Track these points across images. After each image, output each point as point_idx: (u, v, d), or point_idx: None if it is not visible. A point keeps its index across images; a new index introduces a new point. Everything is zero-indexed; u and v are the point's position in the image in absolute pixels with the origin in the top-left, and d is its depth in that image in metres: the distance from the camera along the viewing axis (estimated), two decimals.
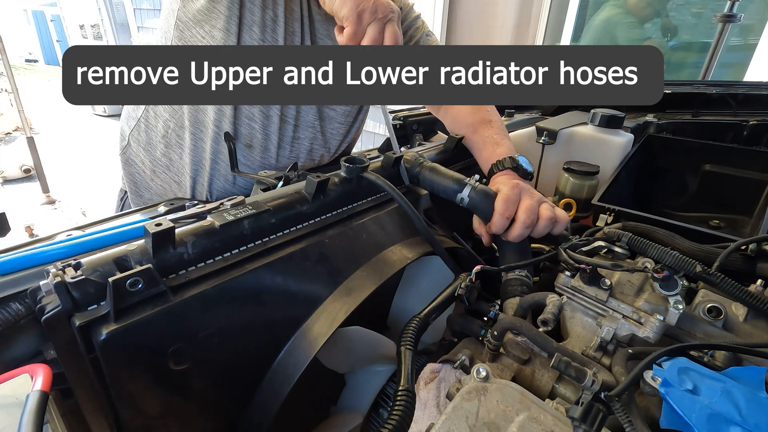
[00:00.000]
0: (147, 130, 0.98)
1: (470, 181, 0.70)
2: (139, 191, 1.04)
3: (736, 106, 1.31)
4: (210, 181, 0.95)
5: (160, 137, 0.96)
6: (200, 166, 0.94)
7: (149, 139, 0.98)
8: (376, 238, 0.64)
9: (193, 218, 0.51)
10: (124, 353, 0.40)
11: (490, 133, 0.89)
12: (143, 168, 1.01)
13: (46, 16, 13.92)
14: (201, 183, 0.96)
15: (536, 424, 0.36)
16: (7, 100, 5.75)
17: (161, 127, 0.95)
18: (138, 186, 1.03)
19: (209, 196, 0.97)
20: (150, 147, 0.98)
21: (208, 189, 0.96)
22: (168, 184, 1.00)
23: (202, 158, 0.93)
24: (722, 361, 0.46)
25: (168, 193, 1.01)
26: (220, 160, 0.93)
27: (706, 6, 2.73)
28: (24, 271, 0.45)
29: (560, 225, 0.70)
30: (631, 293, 0.53)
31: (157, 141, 0.97)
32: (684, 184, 1.16)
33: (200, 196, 0.98)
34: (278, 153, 0.95)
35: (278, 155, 0.96)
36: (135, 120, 0.99)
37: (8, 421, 0.33)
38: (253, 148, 0.93)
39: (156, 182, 1.01)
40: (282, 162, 0.97)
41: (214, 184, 0.96)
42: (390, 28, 0.67)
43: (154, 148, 0.98)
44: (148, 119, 0.97)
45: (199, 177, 0.96)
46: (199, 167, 0.95)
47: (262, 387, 0.51)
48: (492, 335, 0.52)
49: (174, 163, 0.97)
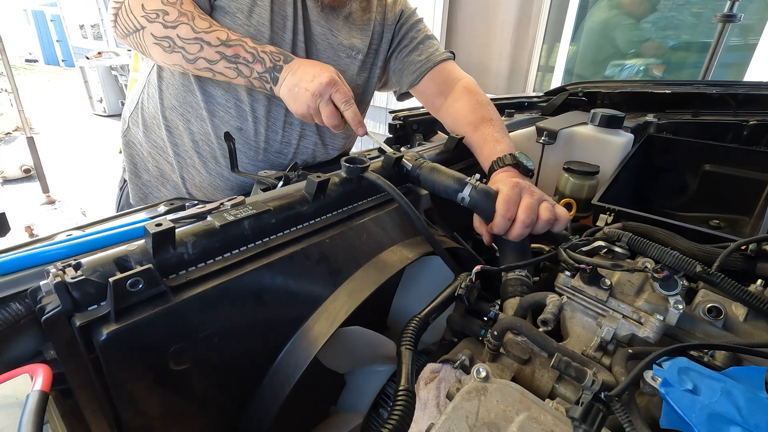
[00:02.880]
0: (143, 113, 1.01)
1: (471, 181, 0.70)
2: (138, 172, 1.06)
3: (736, 106, 1.31)
4: (200, 164, 0.97)
5: (153, 119, 0.99)
6: (189, 148, 0.97)
7: (144, 121, 1.01)
8: (377, 238, 0.64)
9: (193, 218, 0.51)
10: (125, 353, 0.40)
11: (490, 131, 0.89)
12: (141, 150, 1.04)
13: (46, 16, 13.92)
14: (192, 166, 0.98)
15: (536, 424, 0.36)
16: (7, 100, 5.75)
17: (152, 109, 0.99)
18: (137, 167, 1.06)
19: (201, 182, 0.99)
20: (146, 129, 1.02)
21: (198, 173, 0.98)
22: (162, 165, 1.03)
23: (192, 140, 0.96)
24: (722, 361, 0.46)
25: (164, 175, 1.04)
26: (211, 142, 0.95)
27: (706, 6, 2.72)
28: (24, 271, 0.45)
29: (560, 223, 0.70)
30: (631, 293, 0.53)
31: (151, 123, 1.00)
32: (684, 184, 1.16)
33: (191, 179, 1.00)
34: (267, 136, 0.96)
35: (267, 138, 0.96)
36: (134, 103, 1.04)
37: (8, 421, 0.33)
38: (243, 131, 0.94)
39: (152, 163, 1.04)
40: (275, 146, 0.98)
41: (206, 167, 0.97)
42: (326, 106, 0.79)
43: (149, 130, 1.01)
44: (143, 102, 1.01)
45: (189, 159, 0.98)
46: (189, 149, 0.97)
47: (262, 387, 0.51)
48: (492, 335, 0.52)
49: (167, 144, 0.99)
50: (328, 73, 0.78)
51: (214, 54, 0.80)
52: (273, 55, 0.81)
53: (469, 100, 0.97)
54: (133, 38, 0.82)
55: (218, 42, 0.79)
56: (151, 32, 0.79)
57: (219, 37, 0.79)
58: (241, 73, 0.82)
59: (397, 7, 1.06)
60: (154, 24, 0.78)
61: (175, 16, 0.78)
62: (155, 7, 0.78)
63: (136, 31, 0.80)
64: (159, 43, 0.79)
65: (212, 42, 0.79)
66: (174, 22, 0.78)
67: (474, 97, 0.98)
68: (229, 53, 0.80)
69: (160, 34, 0.79)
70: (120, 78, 7.06)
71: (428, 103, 1.09)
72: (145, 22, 0.78)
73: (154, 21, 0.78)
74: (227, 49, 0.79)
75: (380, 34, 1.05)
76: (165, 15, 0.78)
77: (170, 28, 0.78)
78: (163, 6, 0.78)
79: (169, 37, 0.79)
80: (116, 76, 7.08)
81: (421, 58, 1.04)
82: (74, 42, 12.71)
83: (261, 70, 0.81)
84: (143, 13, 0.78)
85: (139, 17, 0.78)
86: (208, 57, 0.80)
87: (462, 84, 1.02)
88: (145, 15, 0.78)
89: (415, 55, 1.05)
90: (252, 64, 0.81)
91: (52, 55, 14.53)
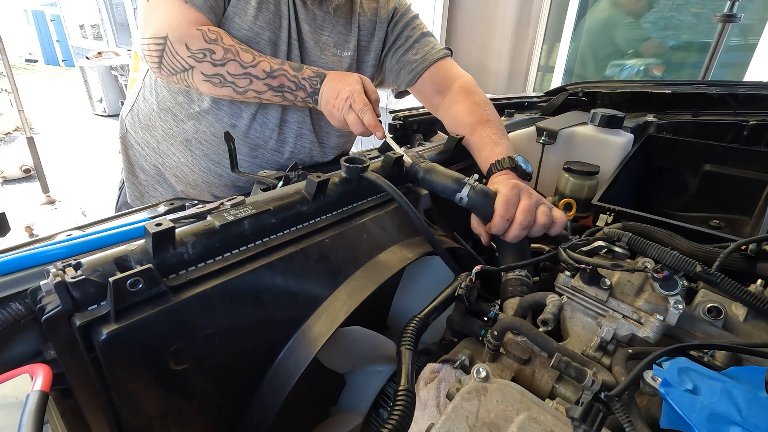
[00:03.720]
0: (139, 113, 1.03)
1: (469, 181, 0.70)
2: (134, 171, 1.07)
3: (736, 106, 1.31)
4: (193, 162, 0.98)
5: (149, 120, 1.01)
6: (183, 147, 0.98)
7: (140, 122, 1.03)
8: (377, 238, 0.64)
9: (193, 218, 0.51)
10: (125, 353, 0.40)
11: (488, 133, 0.89)
12: (137, 150, 1.05)
13: (46, 16, 13.92)
14: (185, 164, 0.99)
15: (536, 424, 0.36)
16: (7, 100, 5.75)
17: (148, 110, 1.00)
18: (133, 167, 1.07)
19: (195, 180, 1.00)
20: (141, 129, 1.03)
21: (192, 171, 0.99)
22: (157, 164, 1.03)
23: (185, 138, 0.97)
24: (722, 361, 0.46)
25: (160, 174, 1.05)
26: (204, 140, 0.96)
27: (706, 6, 2.72)
28: (24, 271, 0.45)
29: (557, 226, 0.70)
30: (631, 293, 0.53)
31: (147, 123, 1.01)
32: (684, 184, 1.16)
33: (183, 178, 1.01)
34: (262, 133, 0.96)
35: (263, 135, 0.97)
36: (130, 105, 1.06)
37: (8, 421, 0.33)
38: (237, 128, 0.94)
39: (148, 163, 1.05)
40: (270, 144, 0.98)
41: (199, 165, 0.98)
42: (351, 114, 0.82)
43: (144, 130, 1.02)
44: (139, 103, 1.03)
45: (183, 158, 0.99)
46: (182, 148, 0.98)
47: (262, 387, 0.51)
48: (492, 335, 0.52)
49: (160, 144, 1.00)
50: (350, 87, 0.82)
51: (262, 86, 0.85)
52: (311, 81, 0.87)
53: (466, 102, 0.97)
54: (181, 77, 0.84)
55: (264, 75, 0.84)
56: (201, 71, 0.82)
57: (264, 69, 0.84)
58: (287, 99, 0.89)
59: (390, 4, 1.05)
60: (202, 63, 0.81)
61: (221, 54, 0.81)
62: (200, 46, 0.80)
63: (185, 71, 0.82)
64: (209, 80, 0.83)
65: (259, 75, 0.84)
66: (222, 60, 0.81)
67: (471, 97, 0.98)
68: (275, 84, 0.85)
69: (210, 72, 0.82)
70: (120, 78, 7.06)
71: (427, 102, 1.09)
72: (193, 62, 0.81)
73: (202, 61, 0.80)
74: (273, 80, 0.85)
75: (371, 31, 1.04)
76: (212, 54, 0.80)
77: (219, 66, 0.81)
78: (208, 45, 0.80)
79: (219, 74, 0.82)
80: (116, 76, 7.08)
81: (417, 58, 1.03)
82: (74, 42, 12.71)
83: (304, 95, 0.88)
84: (189, 53, 0.80)
85: (186, 58, 0.80)
86: (256, 89, 0.85)
87: (459, 83, 1.01)
88: (191, 55, 0.80)
89: (411, 54, 1.04)
90: (296, 91, 0.87)
91: (52, 55, 14.52)
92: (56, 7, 12.86)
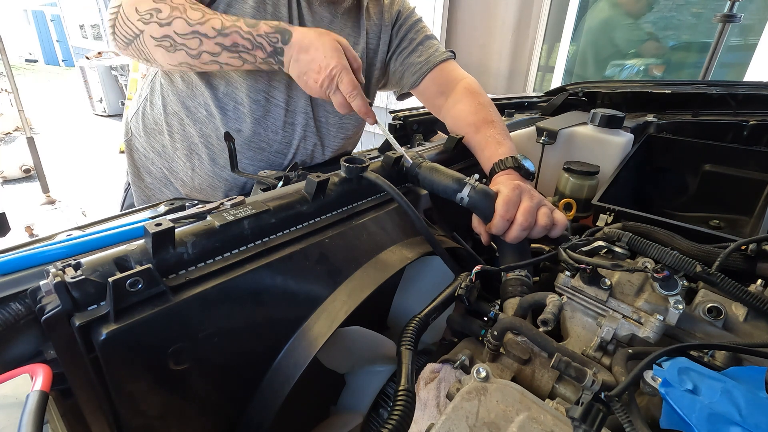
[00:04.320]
0: (144, 119, 1.02)
1: (470, 181, 0.70)
2: (140, 175, 1.07)
3: (736, 106, 1.31)
4: (198, 166, 0.97)
5: (155, 125, 1.00)
6: (189, 151, 0.97)
7: (146, 127, 1.02)
8: (376, 238, 0.64)
9: (193, 218, 0.51)
10: (124, 353, 0.40)
11: (492, 133, 0.89)
12: (143, 154, 1.05)
13: (46, 16, 13.92)
14: (191, 168, 0.99)
15: (536, 424, 0.36)
16: (7, 100, 5.75)
17: (154, 115, 0.99)
18: (139, 171, 1.06)
19: (200, 183, 1.00)
20: (147, 135, 1.02)
21: (197, 175, 0.99)
22: (163, 168, 1.03)
23: (190, 143, 0.96)
24: (722, 361, 0.46)
25: (166, 177, 1.04)
26: (210, 144, 0.95)
27: (706, 6, 2.72)
28: (24, 271, 0.45)
29: (558, 228, 0.70)
30: (631, 293, 0.53)
31: (152, 128, 1.01)
32: (684, 184, 1.16)
33: (190, 182, 1.00)
34: (267, 136, 0.96)
35: (267, 138, 0.96)
36: (135, 109, 1.05)
37: (8, 421, 0.33)
38: (242, 132, 0.94)
39: (154, 167, 1.04)
40: (274, 147, 0.97)
41: (204, 169, 0.97)
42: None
43: (149, 135, 1.02)
44: (145, 108, 1.02)
45: (189, 162, 0.98)
46: (188, 152, 0.97)
47: (262, 387, 0.51)
48: (492, 335, 0.52)
49: (166, 149, 1.00)
50: (334, 61, 0.74)
51: (214, 46, 0.77)
52: (269, 37, 0.77)
53: (470, 102, 0.97)
54: (135, 46, 0.80)
55: (214, 32, 0.76)
56: (150, 34, 0.77)
57: (214, 26, 0.76)
58: (247, 61, 0.79)
59: (395, 7, 1.05)
60: (150, 25, 0.76)
61: (167, 12, 0.75)
62: (148, 7, 0.76)
63: (136, 37, 0.78)
64: (160, 44, 0.77)
65: (209, 33, 0.76)
66: (168, 18, 0.75)
67: (476, 98, 0.98)
68: (228, 43, 0.77)
69: (158, 34, 0.76)
70: (120, 78, 7.06)
71: (429, 104, 1.09)
72: (141, 25, 0.76)
73: (149, 22, 0.76)
74: (224, 38, 0.76)
75: (377, 34, 1.04)
76: (158, 13, 0.75)
77: (165, 25, 0.76)
78: (155, 4, 0.76)
79: (167, 35, 0.76)
80: (116, 76, 7.09)
81: (421, 60, 1.04)
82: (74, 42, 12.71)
83: (263, 56, 0.78)
84: (138, 16, 0.76)
85: (135, 21, 0.76)
86: (209, 50, 0.78)
87: (463, 84, 1.02)
88: (140, 18, 0.76)
89: (415, 57, 1.04)
90: (252, 51, 0.78)
91: (52, 55, 14.52)
92: (56, 7, 12.87)
